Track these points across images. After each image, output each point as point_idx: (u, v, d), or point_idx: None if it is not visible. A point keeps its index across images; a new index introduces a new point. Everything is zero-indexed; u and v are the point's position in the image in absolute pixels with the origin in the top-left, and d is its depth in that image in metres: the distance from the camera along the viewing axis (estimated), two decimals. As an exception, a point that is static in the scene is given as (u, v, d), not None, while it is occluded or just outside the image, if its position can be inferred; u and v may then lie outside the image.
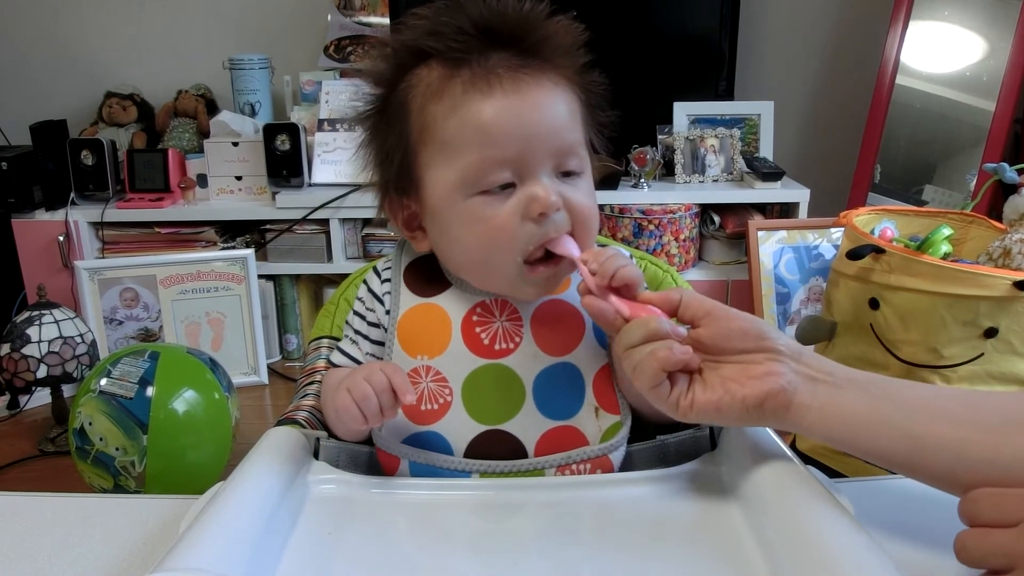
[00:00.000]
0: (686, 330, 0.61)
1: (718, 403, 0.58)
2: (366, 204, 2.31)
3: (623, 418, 0.70)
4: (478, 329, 0.70)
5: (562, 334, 0.70)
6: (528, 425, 0.68)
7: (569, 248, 0.65)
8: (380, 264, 0.77)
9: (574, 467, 0.68)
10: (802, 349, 0.59)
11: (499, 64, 0.64)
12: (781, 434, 0.65)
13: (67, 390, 2.05)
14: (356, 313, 0.76)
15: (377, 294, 0.74)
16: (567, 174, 0.66)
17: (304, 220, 2.33)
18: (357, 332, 0.76)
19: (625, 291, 0.63)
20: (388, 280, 0.74)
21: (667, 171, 2.46)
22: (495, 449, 0.68)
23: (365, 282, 0.77)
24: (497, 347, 0.69)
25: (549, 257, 0.66)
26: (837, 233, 2.22)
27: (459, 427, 0.68)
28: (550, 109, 0.65)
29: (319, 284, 2.51)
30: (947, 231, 1.56)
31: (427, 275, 0.74)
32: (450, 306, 0.71)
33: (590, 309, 0.63)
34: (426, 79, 0.66)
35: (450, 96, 0.64)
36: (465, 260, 0.68)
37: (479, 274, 0.69)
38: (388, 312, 0.73)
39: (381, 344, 0.74)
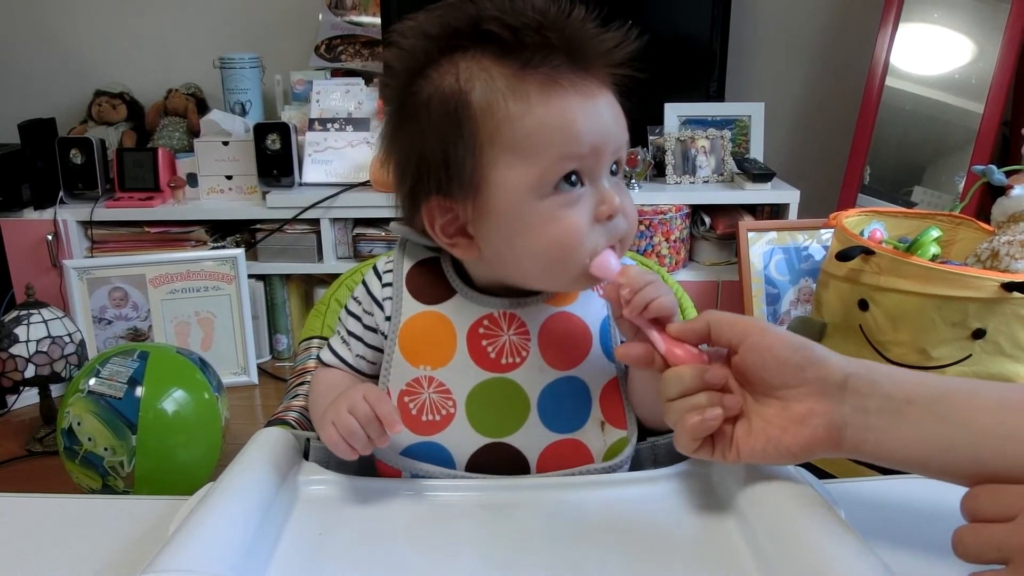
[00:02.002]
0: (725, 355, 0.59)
1: (763, 453, 0.56)
2: (357, 204, 2.31)
3: (629, 434, 0.69)
4: (484, 342, 0.69)
5: (569, 348, 0.69)
6: (531, 439, 0.68)
7: (609, 267, 0.63)
8: (380, 265, 0.74)
9: None
10: (849, 371, 0.54)
11: (561, 66, 0.62)
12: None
13: (55, 390, 2.04)
14: (351, 313, 0.75)
15: (377, 298, 0.72)
16: (613, 173, 0.66)
17: (294, 220, 2.33)
18: (350, 333, 0.74)
19: (660, 322, 0.61)
20: (389, 284, 0.72)
21: (658, 172, 2.47)
22: (497, 462, 0.68)
23: (364, 283, 0.74)
24: (504, 361, 0.68)
25: None
26: (827, 234, 2.23)
27: (461, 439, 0.68)
28: (615, 107, 0.66)
29: (309, 284, 2.50)
30: (936, 233, 1.57)
31: (430, 282, 0.71)
32: (456, 316, 0.69)
33: (625, 359, 0.63)
34: (482, 72, 0.62)
35: (524, 93, 0.61)
36: (533, 263, 0.64)
37: (545, 275, 0.66)
38: (389, 318, 0.71)
39: (376, 349, 0.73)
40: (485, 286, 0.70)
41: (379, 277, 0.73)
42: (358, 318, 0.74)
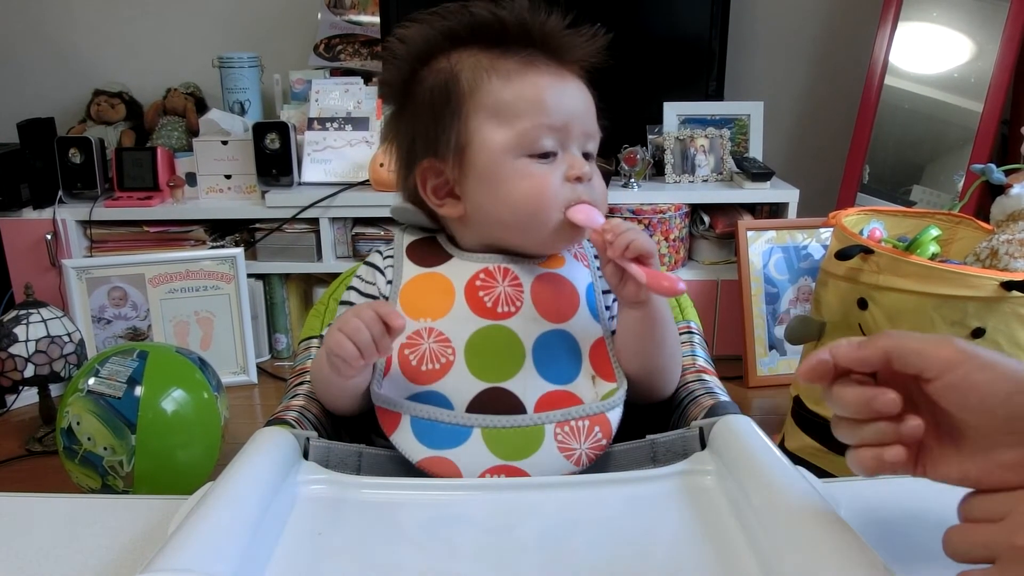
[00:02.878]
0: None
1: (957, 482, 0.48)
2: (356, 203, 2.31)
3: (619, 384, 0.73)
4: (481, 293, 0.74)
5: (559, 303, 0.75)
6: (527, 385, 0.71)
7: (592, 218, 0.71)
8: (383, 248, 0.82)
9: (573, 423, 0.70)
10: None
11: (537, 54, 0.73)
12: (770, 433, 0.66)
13: (55, 389, 2.04)
14: (353, 288, 0.80)
15: (379, 267, 0.79)
16: (586, 155, 0.75)
17: (294, 219, 2.33)
18: (353, 305, 0.79)
19: (640, 261, 0.68)
20: (390, 256, 0.79)
21: (657, 171, 2.46)
22: (496, 406, 0.70)
23: (367, 262, 0.81)
24: (500, 309, 0.73)
25: None
26: (826, 233, 2.23)
27: (461, 385, 0.71)
28: (585, 95, 0.76)
29: (308, 283, 2.50)
30: (935, 232, 1.57)
31: (428, 251, 0.79)
32: (453, 274, 0.75)
33: (808, 375, 0.55)
34: (471, 58, 0.74)
35: (505, 70, 0.73)
36: (512, 215, 0.73)
37: (523, 226, 0.74)
38: (390, 282, 0.77)
39: None
40: (476, 251, 0.77)
41: (380, 254, 0.81)
42: (360, 292, 0.79)
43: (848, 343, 0.50)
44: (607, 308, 0.78)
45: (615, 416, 0.72)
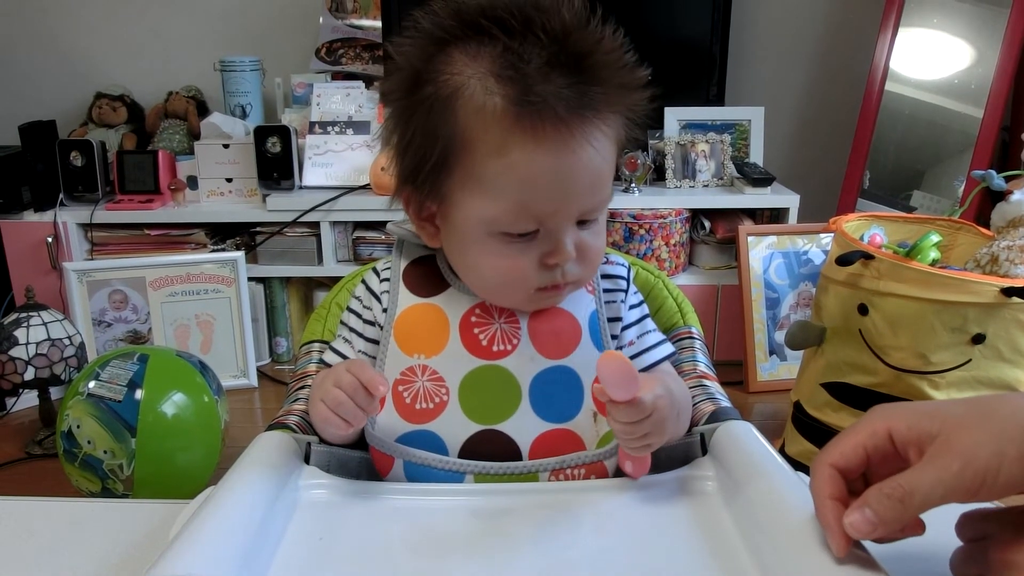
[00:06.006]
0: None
1: None
2: (357, 207, 2.31)
3: None
4: (476, 330, 0.70)
5: (559, 338, 0.71)
6: (523, 427, 0.69)
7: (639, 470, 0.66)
8: (380, 265, 0.77)
9: (569, 471, 0.69)
10: None
11: (558, 96, 0.60)
12: (770, 439, 0.66)
13: (55, 392, 2.04)
14: (352, 311, 0.77)
15: (375, 292, 0.75)
16: (583, 222, 0.66)
17: (294, 223, 2.33)
18: (352, 330, 0.76)
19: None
20: (387, 280, 0.75)
21: (658, 176, 2.47)
22: (489, 449, 0.68)
23: (364, 281, 0.77)
24: (495, 348, 0.70)
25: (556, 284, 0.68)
26: (826, 239, 2.23)
27: (454, 426, 0.69)
28: (593, 170, 0.63)
29: (309, 287, 2.50)
30: (935, 237, 1.57)
31: (426, 276, 0.74)
32: (449, 307, 0.72)
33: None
34: (481, 94, 0.61)
35: (500, 131, 0.61)
36: (479, 282, 0.69)
37: (489, 295, 0.70)
38: (385, 310, 0.73)
39: (375, 342, 0.74)
40: None
41: (377, 275, 0.76)
42: (358, 315, 0.76)
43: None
44: (613, 337, 0.74)
45: (613, 463, 0.70)
